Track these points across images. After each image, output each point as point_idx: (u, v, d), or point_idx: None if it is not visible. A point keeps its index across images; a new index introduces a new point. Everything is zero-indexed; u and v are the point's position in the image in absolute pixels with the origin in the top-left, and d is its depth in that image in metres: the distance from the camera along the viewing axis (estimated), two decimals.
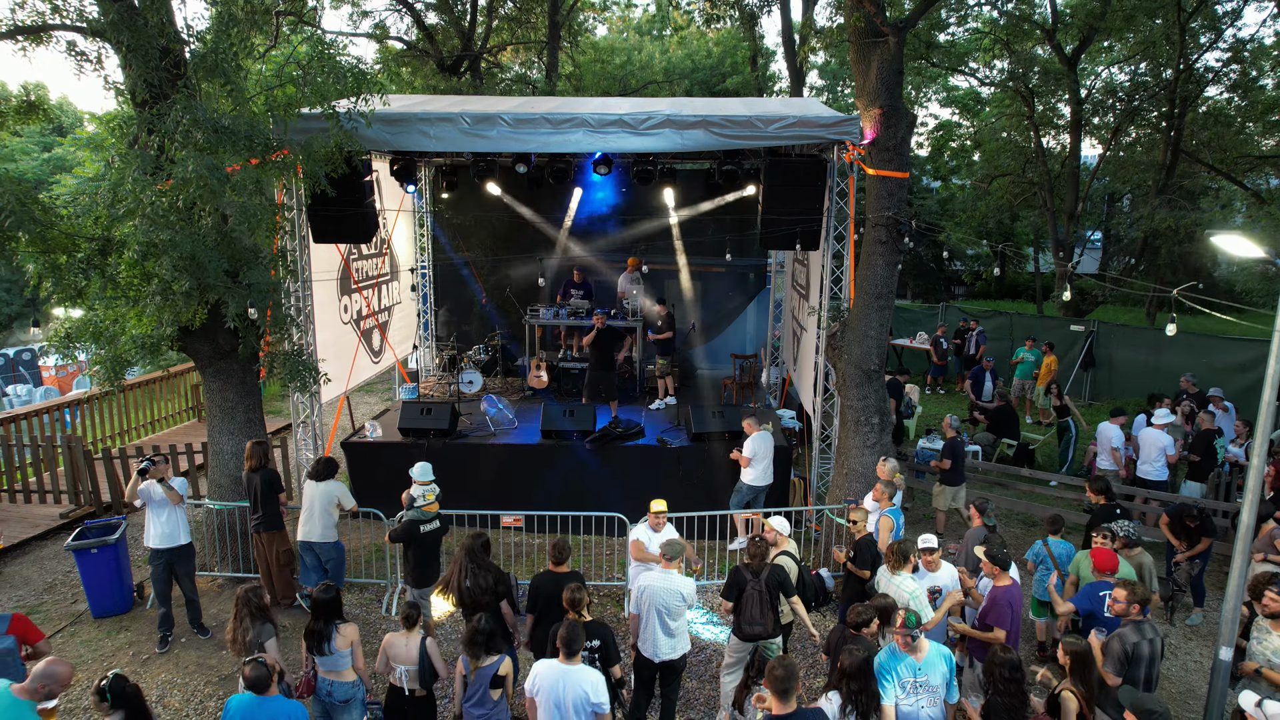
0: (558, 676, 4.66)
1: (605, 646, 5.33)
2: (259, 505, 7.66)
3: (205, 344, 7.93)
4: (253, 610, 5.31)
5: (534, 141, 8.94)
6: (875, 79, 7.72)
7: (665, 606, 5.67)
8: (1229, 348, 14.99)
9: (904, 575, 6.14)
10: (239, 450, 8.34)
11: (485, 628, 5.00)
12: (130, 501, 7.41)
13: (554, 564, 5.94)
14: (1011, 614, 5.83)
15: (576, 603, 5.30)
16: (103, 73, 7.35)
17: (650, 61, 29.64)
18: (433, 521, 6.91)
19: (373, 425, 10.45)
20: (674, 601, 5.66)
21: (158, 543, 7.15)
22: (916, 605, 5.98)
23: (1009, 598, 5.89)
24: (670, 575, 5.72)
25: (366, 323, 11.96)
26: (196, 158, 5.74)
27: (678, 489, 9.83)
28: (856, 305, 8.30)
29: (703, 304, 14.70)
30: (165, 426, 13.51)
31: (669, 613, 5.68)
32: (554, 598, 5.62)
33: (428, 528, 6.86)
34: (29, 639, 5.77)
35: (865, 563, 6.70)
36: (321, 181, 7.74)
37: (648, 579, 5.76)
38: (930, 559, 6.22)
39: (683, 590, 5.68)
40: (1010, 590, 5.90)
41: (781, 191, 8.94)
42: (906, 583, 6.08)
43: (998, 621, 5.86)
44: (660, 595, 5.67)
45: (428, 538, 6.89)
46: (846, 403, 8.52)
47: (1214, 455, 9.44)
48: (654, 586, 5.71)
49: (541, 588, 5.83)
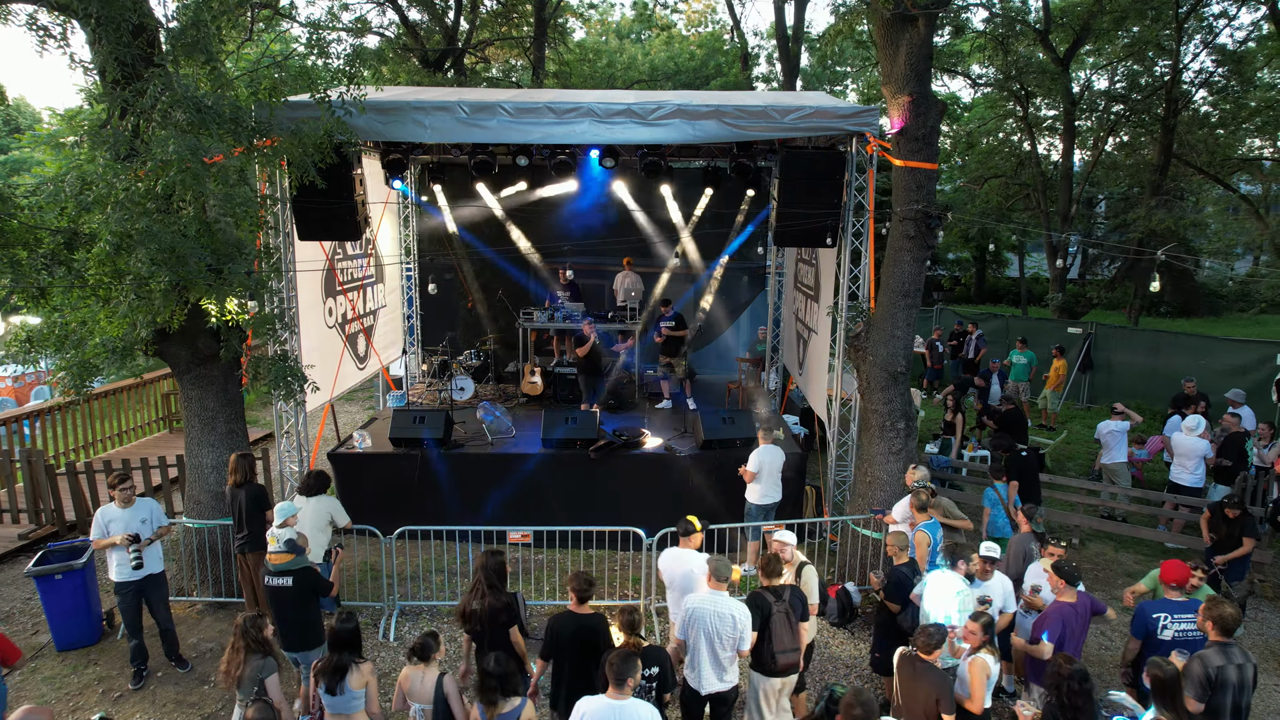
0: (608, 716, 4.11)
1: (664, 674, 4.81)
2: (244, 523, 7.02)
3: (183, 348, 7.27)
4: (252, 642, 4.69)
5: (536, 132, 8.40)
6: (904, 64, 7.31)
7: (715, 632, 5.15)
8: (1228, 350, 14.86)
9: (955, 576, 5.73)
10: (220, 464, 7.68)
11: (498, 669, 4.37)
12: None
13: (577, 602, 5.22)
14: (1064, 629, 5.41)
15: (633, 625, 4.78)
16: (68, 50, 6.68)
17: (633, 63, 29.24)
18: (280, 576, 5.52)
19: (361, 435, 9.81)
20: (725, 628, 5.13)
21: (123, 575, 6.48)
22: (962, 603, 5.58)
23: (1065, 612, 5.45)
24: (720, 598, 5.19)
25: (351, 326, 11.30)
26: (178, 138, 5.13)
27: (689, 499, 9.33)
28: (882, 304, 7.87)
29: (700, 306, 14.22)
30: (134, 438, 12.69)
31: (720, 640, 5.15)
32: (576, 643, 5.07)
33: (274, 581, 5.53)
34: (7, 659, 5.26)
35: (895, 596, 6.20)
36: (311, 172, 7.15)
37: (695, 600, 5.24)
38: (989, 567, 5.80)
39: (735, 614, 5.14)
40: (1071, 607, 5.47)
41: (798, 186, 8.50)
42: (956, 583, 5.67)
43: (1046, 634, 5.44)
44: (709, 620, 5.15)
45: (274, 594, 5.57)
46: (871, 407, 8.08)
47: (1245, 459, 9.17)
48: (702, 609, 5.18)
49: (562, 631, 5.14)
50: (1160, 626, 5.29)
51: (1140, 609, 5.46)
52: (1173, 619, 5.30)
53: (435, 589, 8.21)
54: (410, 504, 9.37)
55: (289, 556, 5.56)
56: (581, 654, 5.13)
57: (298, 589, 5.52)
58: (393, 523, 7.84)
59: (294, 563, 5.56)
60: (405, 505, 9.34)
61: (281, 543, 5.62)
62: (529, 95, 9.08)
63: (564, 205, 13.39)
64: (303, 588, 5.53)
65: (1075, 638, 5.42)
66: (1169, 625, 5.28)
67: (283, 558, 5.55)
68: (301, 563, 5.62)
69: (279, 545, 5.62)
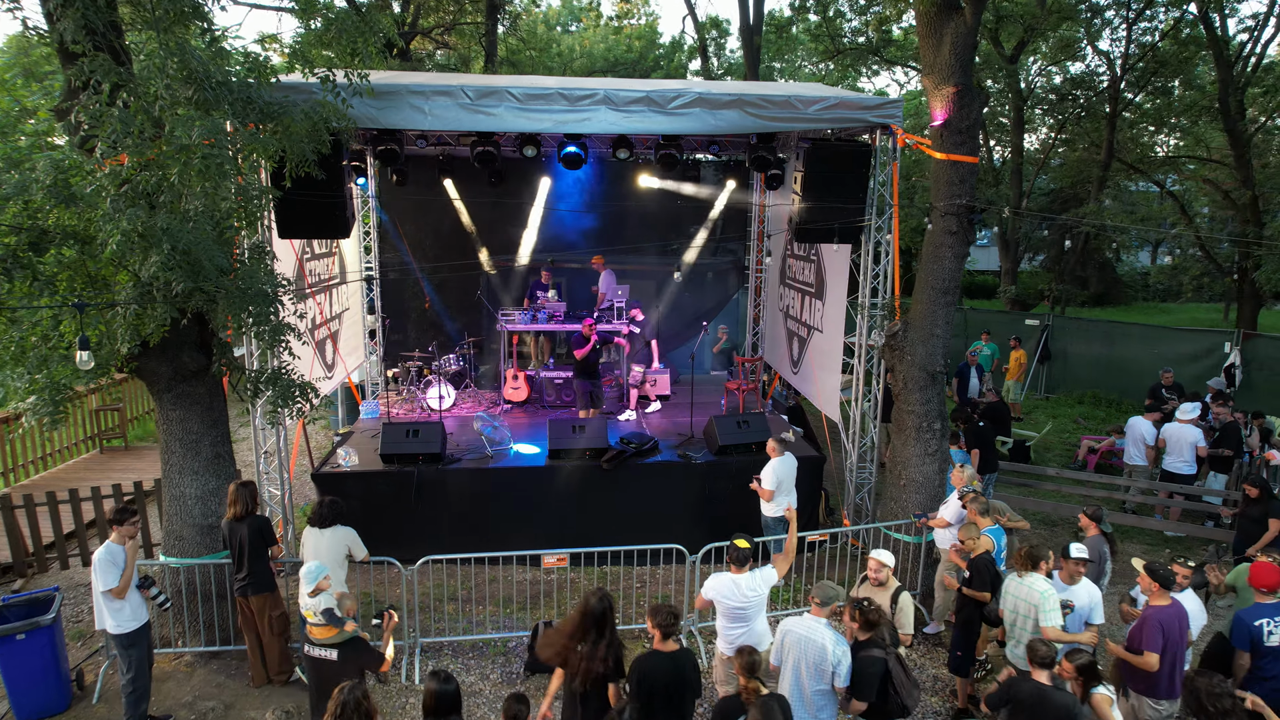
0: None
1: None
2: (246, 562, 6.15)
3: (164, 364, 6.29)
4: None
5: (547, 120, 7.77)
6: (948, 54, 7.06)
7: (809, 663, 4.75)
8: (1180, 338, 15.54)
9: (1035, 575, 5.50)
10: (206, 493, 6.74)
11: None
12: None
13: (661, 639, 4.67)
14: (1165, 637, 5.24)
15: (754, 667, 4.28)
16: (19, 12, 5.64)
17: (570, 54, 28.46)
18: (323, 648, 4.86)
19: (347, 452, 8.91)
20: (816, 655, 4.73)
21: (139, 617, 5.66)
22: (1049, 606, 5.36)
23: (1162, 618, 5.28)
24: (818, 625, 4.80)
25: (320, 332, 10.29)
26: (203, 119, 4.28)
27: (708, 508, 8.92)
28: (922, 302, 7.63)
29: (678, 304, 13.78)
30: (60, 461, 11.28)
31: (814, 673, 4.75)
32: (665, 686, 4.54)
33: (316, 652, 4.88)
34: None
35: (985, 584, 6.00)
36: (309, 162, 6.33)
37: (792, 624, 4.87)
38: (1078, 569, 5.59)
39: (828, 644, 4.72)
40: (1167, 611, 5.29)
41: (823, 179, 8.17)
42: (1039, 582, 5.45)
43: (1149, 644, 5.25)
44: (804, 647, 4.77)
45: (316, 667, 4.91)
46: (907, 407, 7.84)
47: (1241, 447, 9.42)
48: (796, 633, 4.82)
49: (651, 673, 4.57)
50: (1266, 633, 5.17)
51: (1239, 619, 5.32)
52: (1276, 624, 5.20)
53: (449, 620, 7.50)
54: (406, 526, 8.58)
55: (333, 630, 4.83)
56: (675, 698, 4.62)
57: (343, 663, 4.79)
58: (387, 547, 7.04)
59: (339, 635, 4.84)
60: (402, 527, 8.54)
61: (319, 615, 4.84)
62: (538, 81, 8.40)
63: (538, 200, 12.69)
64: (349, 663, 4.79)
65: (1176, 645, 5.25)
66: (1275, 631, 5.17)
67: (326, 632, 4.83)
68: (347, 634, 4.88)
69: (317, 619, 4.84)
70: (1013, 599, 5.55)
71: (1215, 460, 9.54)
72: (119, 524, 5.51)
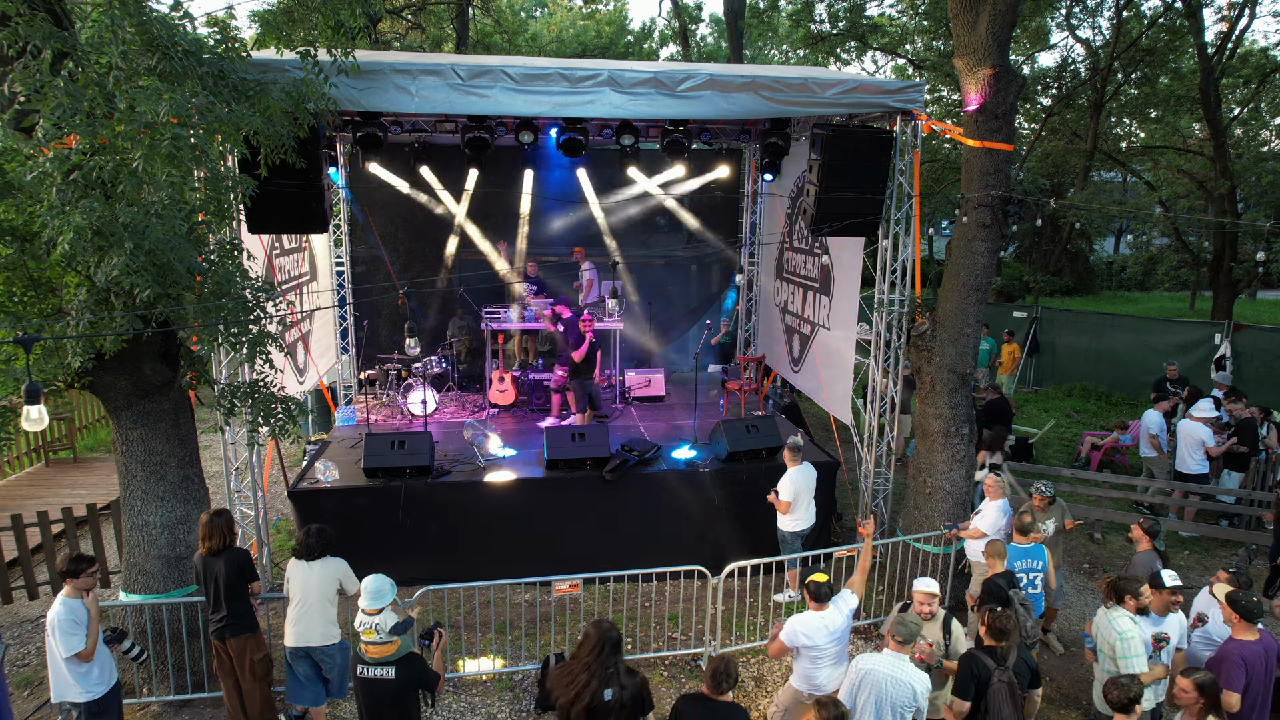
0: None
1: None
2: (224, 601, 5.40)
3: (122, 378, 5.51)
4: None
5: (546, 103, 7.11)
6: (985, 33, 6.56)
7: (891, 702, 4.28)
8: (1169, 329, 15.44)
9: (1121, 613, 5.04)
10: (172, 521, 5.99)
11: None
12: None
13: (711, 692, 4.21)
14: (1249, 675, 4.80)
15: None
16: None
17: (539, 39, 27.61)
18: (380, 667, 4.37)
19: (325, 466, 8.16)
20: (903, 697, 4.28)
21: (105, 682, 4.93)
22: (1128, 652, 4.91)
23: (1246, 654, 4.81)
24: (902, 663, 4.35)
25: (291, 334, 9.49)
26: (172, 93, 3.56)
27: (720, 520, 8.39)
28: (951, 299, 7.16)
29: (664, 299, 13.20)
30: (0, 477, 10.29)
31: (895, 711, 4.29)
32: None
33: (371, 673, 4.37)
34: None
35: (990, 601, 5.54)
36: (288, 148, 5.61)
37: (871, 662, 4.41)
38: (1173, 600, 5.14)
39: (915, 685, 4.29)
40: (1251, 647, 4.82)
41: (842, 168, 7.64)
42: (1121, 621, 4.99)
43: (1229, 683, 4.78)
44: (886, 686, 4.33)
45: (370, 688, 4.40)
46: (934, 411, 7.37)
47: (1257, 443, 9.18)
48: (879, 672, 4.37)
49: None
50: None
51: None
52: None
53: (447, 651, 6.83)
54: (393, 545, 7.87)
55: (393, 646, 4.34)
56: None
57: (401, 682, 4.35)
58: (371, 569, 6.28)
59: (398, 651, 4.35)
60: (387, 547, 7.84)
61: (385, 633, 4.29)
62: (536, 60, 7.72)
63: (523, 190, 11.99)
64: (407, 680, 4.37)
65: (1261, 685, 4.82)
66: None
67: (386, 649, 4.32)
68: (406, 649, 4.40)
69: (380, 636, 4.29)
70: (1097, 631, 5.09)
71: (1230, 458, 9.29)
72: (73, 576, 4.74)
